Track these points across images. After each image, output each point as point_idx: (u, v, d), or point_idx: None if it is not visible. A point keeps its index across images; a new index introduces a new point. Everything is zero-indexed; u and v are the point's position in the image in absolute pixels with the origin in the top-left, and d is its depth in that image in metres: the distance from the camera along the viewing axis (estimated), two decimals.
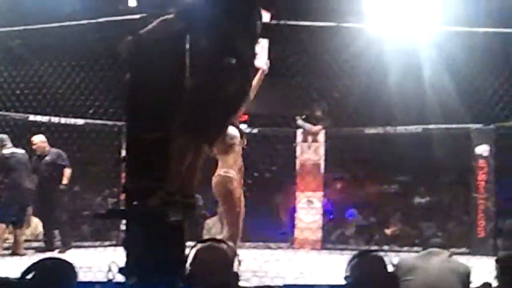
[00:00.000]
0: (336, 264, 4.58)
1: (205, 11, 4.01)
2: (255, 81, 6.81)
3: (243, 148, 6.84)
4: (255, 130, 10.79)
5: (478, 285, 5.16)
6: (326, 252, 10.03)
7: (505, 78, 6.61)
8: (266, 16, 6.45)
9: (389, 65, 9.41)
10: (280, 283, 5.85)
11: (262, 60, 6.90)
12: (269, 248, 10.20)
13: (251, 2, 4.32)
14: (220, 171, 6.62)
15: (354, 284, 3.38)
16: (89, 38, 8.34)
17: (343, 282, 3.40)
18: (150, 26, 4.13)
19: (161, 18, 4.16)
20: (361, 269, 3.40)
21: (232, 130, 6.65)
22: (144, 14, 4.49)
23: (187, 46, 3.97)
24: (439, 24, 7.08)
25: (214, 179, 6.63)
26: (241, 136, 6.81)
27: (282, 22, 5.78)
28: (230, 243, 3.63)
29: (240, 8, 4.17)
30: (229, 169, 6.62)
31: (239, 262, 3.16)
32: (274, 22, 5.87)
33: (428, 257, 5.24)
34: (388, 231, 11.65)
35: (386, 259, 3.40)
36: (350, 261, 3.46)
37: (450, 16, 7.60)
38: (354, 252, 3.62)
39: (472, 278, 5.13)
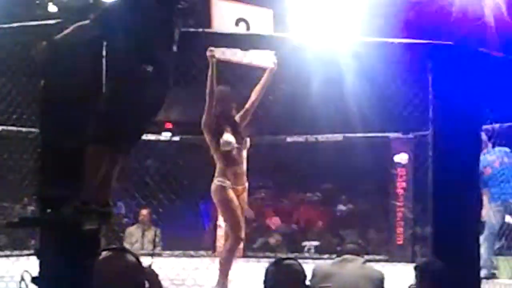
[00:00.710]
0: (256, 272, 4.61)
1: (122, 18, 3.96)
2: (263, 81, 6.75)
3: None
4: (176, 138, 10.75)
5: None
6: (247, 260, 10.04)
7: (419, 88, 6.76)
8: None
9: (311, 74, 9.51)
10: None
11: (268, 59, 6.79)
12: (190, 256, 10.15)
13: (170, 9, 4.28)
14: (215, 179, 6.54)
15: None
16: (6, 42, 8.17)
17: None
18: (65, 32, 4.05)
19: (77, 24, 4.09)
20: (276, 276, 3.43)
21: (227, 137, 6.59)
22: (60, 20, 4.39)
23: (103, 52, 3.92)
24: (359, 34, 7.19)
25: (212, 187, 6.56)
26: (241, 142, 6.71)
27: (204, 30, 5.74)
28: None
29: (159, 14, 4.13)
30: (223, 177, 6.53)
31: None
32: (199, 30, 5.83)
33: (343, 264, 5.32)
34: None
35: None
36: (267, 268, 3.49)
37: (367, 27, 7.73)
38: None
39: (386, 283, 5.23)
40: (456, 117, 5.81)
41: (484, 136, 8.38)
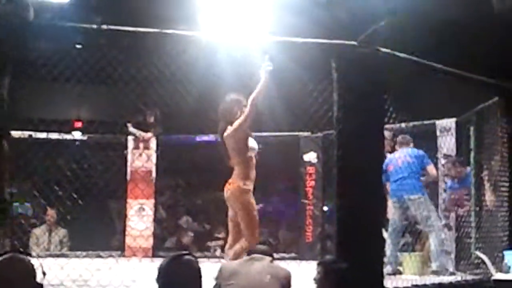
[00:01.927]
0: None
1: None
2: (258, 88, 6.83)
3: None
4: (85, 137, 10.59)
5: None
6: (159, 259, 9.94)
7: (323, 87, 6.83)
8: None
9: (222, 73, 9.49)
10: None
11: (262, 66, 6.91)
12: (100, 256, 10.00)
13: None
14: (239, 182, 6.59)
15: (164, 286, 3.38)
16: None
17: None
18: None
19: None
20: (169, 273, 3.40)
21: (252, 143, 6.74)
22: None
23: None
24: (269, 33, 7.20)
25: (232, 190, 6.58)
26: None
27: (108, 27, 5.65)
28: None
29: None
30: (247, 181, 6.63)
31: (44, 273, 3.06)
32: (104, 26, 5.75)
33: (250, 263, 5.34)
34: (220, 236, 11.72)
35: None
36: (160, 265, 3.46)
37: (279, 26, 7.76)
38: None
39: (292, 281, 5.27)
40: (360, 116, 5.91)
41: (389, 135, 8.57)
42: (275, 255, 6.10)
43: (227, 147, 6.77)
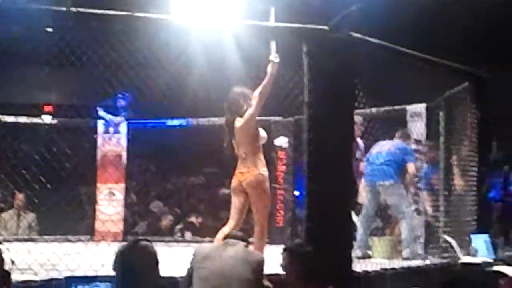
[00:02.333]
0: None
1: None
2: (265, 81, 6.82)
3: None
4: (55, 121, 10.50)
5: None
6: None
7: (295, 71, 6.83)
8: None
9: (194, 57, 9.45)
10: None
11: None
12: (69, 241, 9.94)
13: None
14: (259, 170, 6.64)
15: (121, 272, 3.38)
16: None
17: None
18: None
19: None
20: (128, 258, 3.40)
21: (262, 132, 6.83)
22: None
23: None
24: (240, 17, 7.18)
25: (252, 177, 6.62)
26: None
27: (77, 9, 5.60)
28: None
29: None
30: (265, 168, 6.72)
31: (12, 262, 3.04)
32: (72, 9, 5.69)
33: (224, 247, 5.35)
34: (193, 221, 11.71)
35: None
36: (117, 251, 3.44)
37: (252, 10, 7.73)
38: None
39: (265, 267, 5.29)
40: (330, 100, 5.93)
41: (359, 120, 8.59)
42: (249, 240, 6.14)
43: (239, 137, 6.78)
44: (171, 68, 9.42)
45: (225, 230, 6.77)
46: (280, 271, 5.20)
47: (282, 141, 10.58)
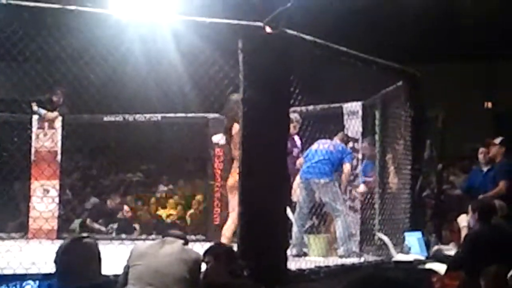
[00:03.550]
0: None
1: None
2: None
3: None
4: None
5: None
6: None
7: (231, 67, 6.81)
8: None
9: (130, 52, 9.34)
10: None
11: None
12: (0, 238, 9.72)
13: None
14: None
15: (62, 269, 3.33)
16: None
17: None
18: None
19: None
20: (68, 254, 3.35)
21: None
22: None
23: None
24: (178, 13, 7.13)
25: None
26: None
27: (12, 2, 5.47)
28: None
29: None
30: None
31: None
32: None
33: (160, 245, 5.33)
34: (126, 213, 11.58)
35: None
36: (59, 247, 3.39)
37: (189, 5, 7.69)
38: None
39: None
40: (266, 97, 5.92)
41: (296, 117, 8.61)
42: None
43: (236, 141, 6.96)
44: (107, 63, 9.29)
45: (227, 228, 7.37)
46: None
47: (220, 138, 10.52)
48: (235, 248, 5.83)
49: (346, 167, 8.56)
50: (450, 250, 8.07)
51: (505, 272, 5.29)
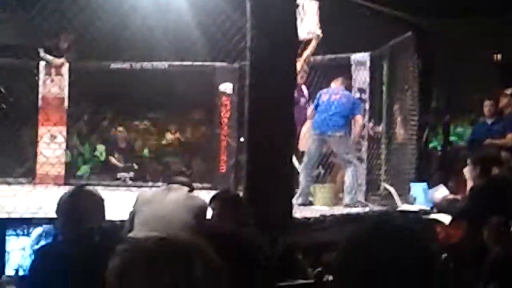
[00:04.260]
0: None
1: None
2: (308, 51, 7.85)
3: None
4: None
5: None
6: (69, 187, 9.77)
7: (238, 16, 6.77)
8: None
9: (138, 1, 9.29)
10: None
11: (313, 27, 7.71)
12: (8, 183, 9.78)
13: None
14: None
15: (64, 218, 3.34)
16: None
17: None
18: None
19: None
20: (71, 203, 3.36)
21: None
22: None
23: None
24: None
25: None
26: None
27: None
28: None
29: None
30: None
31: None
32: None
33: (166, 192, 5.35)
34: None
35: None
36: (61, 197, 3.40)
37: None
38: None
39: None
40: (273, 47, 5.89)
41: (304, 67, 8.56)
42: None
43: None
44: (115, 11, 9.25)
45: None
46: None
47: (227, 87, 10.52)
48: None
49: (358, 119, 8.50)
50: (455, 201, 8.08)
51: (508, 224, 5.34)
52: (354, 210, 7.87)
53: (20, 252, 5.01)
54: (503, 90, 9.08)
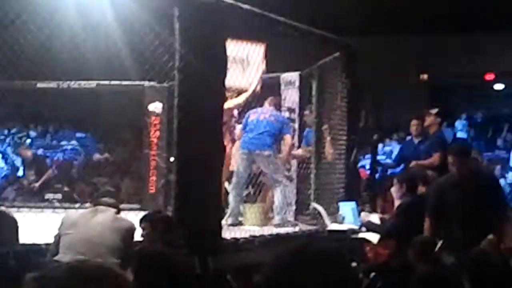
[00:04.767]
0: None
1: None
2: (240, 101, 8.42)
3: None
4: None
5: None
6: None
7: (168, 35, 6.72)
8: None
9: (64, 18, 9.15)
10: None
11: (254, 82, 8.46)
12: None
13: None
14: None
15: None
16: None
17: None
18: None
19: None
20: None
21: None
22: None
23: None
24: None
25: None
26: None
27: None
28: None
29: None
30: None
31: None
32: None
33: (92, 214, 5.27)
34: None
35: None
36: None
37: None
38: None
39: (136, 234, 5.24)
40: (202, 66, 5.87)
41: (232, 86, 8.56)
42: (120, 206, 6.05)
43: None
44: (40, 29, 9.09)
45: None
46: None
47: (156, 107, 10.42)
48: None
49: (287, 138, 8.53)
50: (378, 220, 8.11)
51: (433, 242, 5.42)
52: (284, 230, 7.87)
53: None
54: (428, 110, 9.23)
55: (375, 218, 7.74)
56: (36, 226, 6.31)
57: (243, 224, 8.31)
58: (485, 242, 5.39)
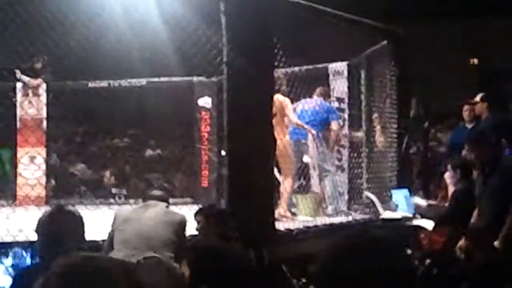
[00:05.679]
0: None
1: None
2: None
3: None
4: None
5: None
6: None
7: (214, 30, 6.76)
8: None
9: (111, 18, 9.26)
10: None
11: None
12: None
13: None
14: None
15: (44, 238, 3.30)
16: None
17: None
18: None
19: None
20: (50, 223, 3.32)
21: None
22: None
23: None
24: None
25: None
26: None
27: None
28: None
29: None
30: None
31: None
32: None
33: (144, 209, 5.33)
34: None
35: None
36: (41, 217, 3.36)
37: None
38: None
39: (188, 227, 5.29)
40: (250, 60, 5.89)
41: (283, 78, 8.55)
42: (171, 200, 6.12)
43: None
44: (88, 30, 9.22)
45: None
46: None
47: (205, 102, 10.51)
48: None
49: (334, 125, 8.53)
50: (436, 207, 8.08)
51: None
52: (337, 220, 7.86)
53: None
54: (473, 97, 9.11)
55: (428, 204, 7.69)
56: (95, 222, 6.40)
57: (296, 215, 8.32)
58: None
